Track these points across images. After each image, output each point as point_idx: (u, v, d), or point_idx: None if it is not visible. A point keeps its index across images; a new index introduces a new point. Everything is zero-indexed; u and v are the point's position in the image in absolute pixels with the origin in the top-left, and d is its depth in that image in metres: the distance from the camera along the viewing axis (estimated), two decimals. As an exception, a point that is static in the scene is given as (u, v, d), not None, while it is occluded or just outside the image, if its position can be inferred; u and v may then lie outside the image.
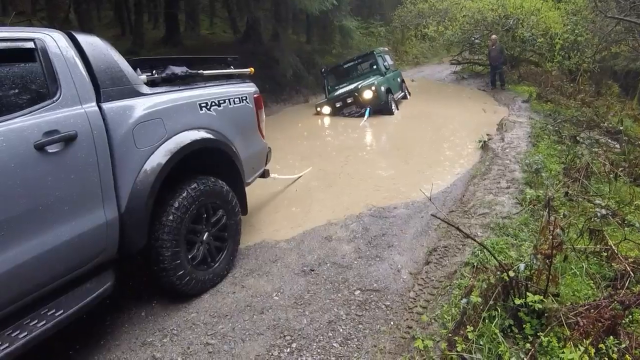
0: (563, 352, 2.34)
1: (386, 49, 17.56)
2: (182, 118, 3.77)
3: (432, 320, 3.09)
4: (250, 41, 17.89)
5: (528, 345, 2.43)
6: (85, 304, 2.85)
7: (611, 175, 6.08)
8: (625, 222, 4.45)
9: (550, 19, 16.74)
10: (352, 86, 13.92)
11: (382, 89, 13.35)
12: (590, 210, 4.21)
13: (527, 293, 2.55)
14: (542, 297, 2.54)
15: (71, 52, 3.12)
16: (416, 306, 3.45)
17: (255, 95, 4.91)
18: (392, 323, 3.33)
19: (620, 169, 6.42)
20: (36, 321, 2.63)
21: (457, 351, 2.41)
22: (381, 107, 13.15)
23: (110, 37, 17.06)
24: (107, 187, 3.10)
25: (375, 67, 14.83)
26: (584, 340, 2.45)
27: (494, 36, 16.95)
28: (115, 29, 20.73)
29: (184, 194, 3.68)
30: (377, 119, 12.48)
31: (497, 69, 16.86)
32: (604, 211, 3.61)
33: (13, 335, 2.50)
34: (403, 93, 16.15)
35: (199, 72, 4.39)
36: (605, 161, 6.17)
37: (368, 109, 12.84)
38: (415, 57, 29.72)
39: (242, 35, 19.38)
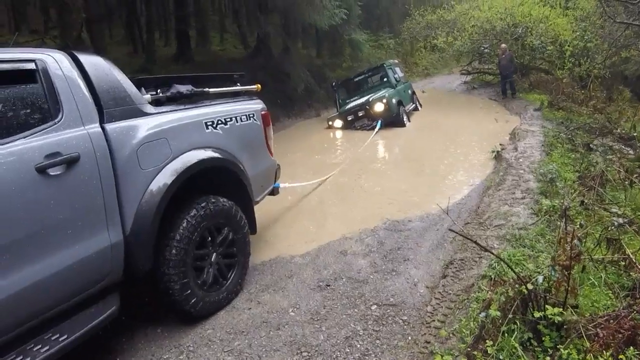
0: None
1: (396, 61, 17.74)
2: (188, 137, 3.74)
3: (451, 335, 3.07)
4: (261, 56, 18.05)
5: (548, 358, 2.41)
6: (90, 328, 2.83)
7: (626, 182, 6.03)
8: (642, 229, 4.40)
9: (559, 26, 16.71)
10: (363, 99, 13.99)
11: (394, 101, 13.40)
12: (607, 218, 4.17)
13: (546, 306, 2.52)
14: (561, 310, 2.52)
15: (73, 73, 3.11)
16: (434, 320, 3.43)
17: (262, 112, 4.89)
18: (409, 338, 3.31)
19: (635, 176, 6.36)
20: (40, 346, 2.60)
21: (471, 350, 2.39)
22: (393, 119, 13.18)
23: (122, 54, 17.33)
24: (111, 209, 3.07)
25: (385, 79, 14.91)
26: (604, 352, 2.42)
27: (503, 45, 16.94)
28: (127, 46, 21.03)
29: (192, 214, 3.64)
30: (389, 131, 12.51)
31: (508, 78, 16.80)
32: (620, 220, 3.56)
33: None
34: (414, 105, 16.21)
35: (204, 90, 4.36)
36: (620, 168, 6.11)
37: (380, 121, 12.85)
38: (425, 69, 29.79)
39: (253, 50, 19.56)
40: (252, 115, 4.64)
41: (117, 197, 3.12)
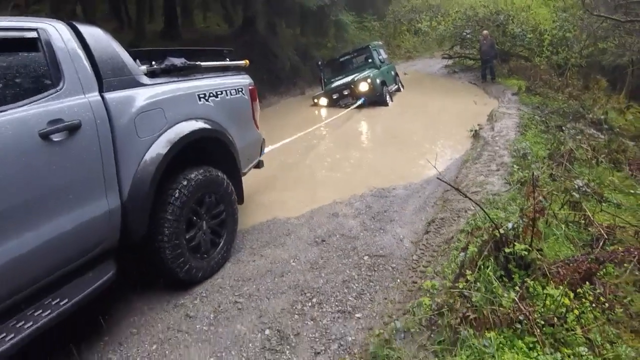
0: (546, 290, 2.84)
1: (380, 43, 18.17)
2: (182, 108, 3.85)
3: (435, 275, 3.59)
4: (247, 34, 18.21)
5: (517, 287, 2.94)
6: (89, 292, 2.90)
7: (593, 161, 6.62)
8: (603, 198, 4.98)
9: (539, 15, 17.27)
10: (348, 79, 14.44)
11: (377, 81, 13.87)
12: (569, 183, 4.73)
13: (515, 244, 3.05)
14: (527, 247, 3.05)
15: (74, 43, 3.17)
16: (419, 266, 3.95)
17: (250, 87, 4.99)
18: (399, 280, 3.83)
19: (602, 155, 6.96)
20: (40, 311, 2.66)
21: (459, 289, 2.91)
22: (376, 99, 13.67)
23: (109, 30, 17.37)
24: (110, 176, 3.15)
25: (370, 60, 15.37)
26: (562, 285, 2.95)
27: (485, 31, 17.43)
28: (112, 22, 20.97)
29: (184, 184, 3.75)
30: (373, 110, 12.96)
31: (488, 63, 17.33)
32: (580, 183, 4.12)
33: (18, 325, 2.52)
34: (397, 86, 16.68)
35: (197, 63, 4.41)
36: (588, 148, 6.69)
37: (363, 99, 13.39)
38: (407, 51, 30.16)
39: (239, 28, 19.72)
40: (240, 90, 4.76)
41: (116, 164, 3.21)
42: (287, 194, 6.44)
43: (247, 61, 5.37)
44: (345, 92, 14.02)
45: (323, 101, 14.49)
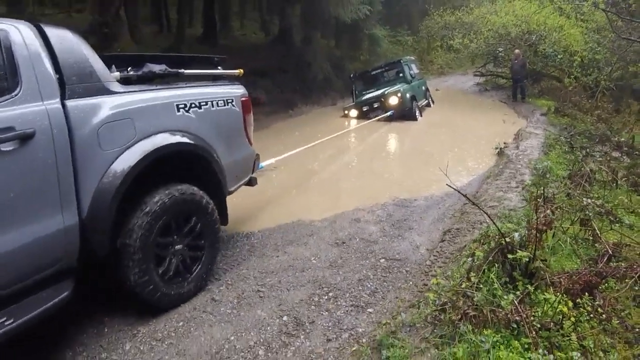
0: (544, 295, 3.07)
1: (413, 58, 18.49)
2: (156, 119, 3.58)
3: (444, 277, 3.83)
4: (283, 43, 18.76)
5: (518, 292, 3.17)
6: (39, 312, 2.74)
7: (612, 183, 6.75)
8: (617, 219, 5.14)
9: (571, 36, 17.30)
10: (379, 92, 14.76)
11: (408, 95, 14.17)
12: (579, 199, 4.91)
13: (518, 251, 3.28)
14: (530, 254, 3.28)
15: (36, 45, 3.00)
16: (431, 271, 4.19)
17: (243, 99, 4.69)
18: (411, 282, 4.08)
19: (624, 178, 7.06)
20: None
21: (462, 288, 3.16)
22: (405, 113, 13.99)
23: (149, 33, 17.97)
24: (66, 191, 2.95)
25: (401, 75, 15.62)
26: (563, 294, 3.17)
27: (517, 51, 17.60)
28: (152, 25, 21.69)
29: (155, 202, 3.49)
30: (402, 124, 13.28)
31: (519, 82, 17.47)
32: (589, 201, 4.32)
33: None
34: (427, 101, 16.93)
35: (178, 71, 4.17)
36: (607, 169, 6.82)
37: (392, 112, 13.76)
38: (440, 67, 30.36)
39: (275, 37, 20.25)
40: (230, 101, 4.47)
41: (74, 178, 3.01)
42: (312, 198, 6.77)
43: (242, 70, 5.09)
44: (376, 105, 14.32)
45: (353, 113, 14.83)
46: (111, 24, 12.27)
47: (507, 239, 3.39)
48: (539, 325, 2.89)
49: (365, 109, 14.55)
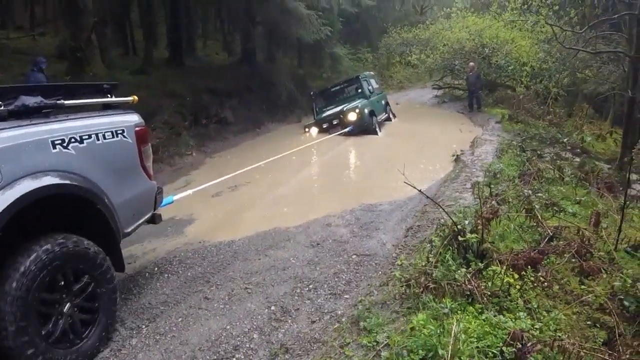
0: (491, 268, 3.66)
1: (372, 73, 19.02)
2: (25, 160, 3.12)
3: (409, 266, 4.39)
4: (247, 63, 19.32)
5: (470, 268, 3.75)
6: None
7: (559, 180, 7.46)
8: (561, 209, 5.80)
9: (522, 48, 18.35)
10: (338, 109, 15.04)
11: (366, 111, 14.42)
12: (518, 188, 5.56)
13: (467, 234, 3.87)
14: (478, 237, 3.86)
15: None
16: (397, 261, 4.74)
17: (137, 129, 4.25)
18: (380, 272, 4.61)
19: (570, 175, 7.78)
20: None
21: (423, 267, 3.72)
22: (365, 128, 14.20)
23: (115, 56, 18.14)
24: None
25: (360, 90, 15.89)
26: (509, 269, 3.76)
27: (471, 63, 18.52)
28: (117, 49, 21.93)
29: (29, 261, 3.03)
30: (363, 138, 13.78)
31: (475, 93, 18.35)
32: (530, 191, 4.96)
33: None
34: (387, 115, 17.26)
35: (57, 102, 3.68)
36: (554, 167, 7.55)
37: (351, 128, 13.95)
38: (400, 82, 31.28)
39: (239, 57, 20.80)
40: (120, 132, 4.02)
41: None
42: (284, 208, 7.31)
43: (136, 97, 4.58)
44: (335, 122, 14.53)
45: (314, 130, 14.98)
46: (84, 49, 12.48)
47: (459, 226, 3.98)
48: (489, 293, 3.46)
49: (325, 125, 14.78)
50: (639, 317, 3.29)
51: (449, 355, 2.74)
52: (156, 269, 5.24)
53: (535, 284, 3.69)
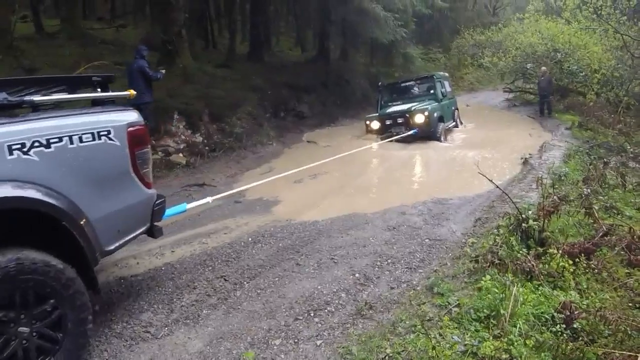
0: (549, 251, 4.30)
1: (446, 74, 18.28)
2: None
3: (478, 247, 5.06)
4: (322, 60, 20.20)
5: (532, 251, 4.40)
6: None
7: (622, 186, 7.86)
8: (619, 212, 6.29)
9: (593, 54, 18.25)
10: (405, 106, 14.13)
11: (435, 115, 13.69)
12: (580, 190, 6.09)
13: (530, 221, 4.52)
14: (539, 224, 4.50)
15: None
16: (465, 246, 5.41)
17: (131, 129, 3.73)
18: (450, 254, 5.31)
19: (635, 183, 8.16)
20: None
21: (490, 245, 4.41)
22: (430, 134, 13.45)
23: (197, 49, 19.33)
24: None
25: (432, 91, 15.03)
26: (565, 256, 4.38)
27: (543, 68, 18.63)
28: (199, 41, 23.25)
29: None
30: (431, 142, 13.80)
31: (546, 99, 18.39)
32: (588, 190, 5.51)
33: None
34: (454, 122, 16.34)
35: (24, 99, 3.21)
36: (617, 174, 7.95)
37: (416, 130, 13.20)
38: (470, 83, 31.37)
39: (315, 54, 21.72)
40: (105, 133, 3.50)
41: None
42: (361, 196, 8.07)
43: (133, 92, 4.20)
44: (400, 120, 13.72)
45: (375, 124, 14.27)
46: (175, 42, 13.55)
47: (523, 215, 4.63)
48: (545, 273, 4.11)
49: (388, 122, 14.00)
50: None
51: (508, 315, 3.43)
52: (250, 239, 6.10)
53: (586, 270, 4.31)
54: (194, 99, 12.20)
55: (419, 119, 13.26)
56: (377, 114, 14.70)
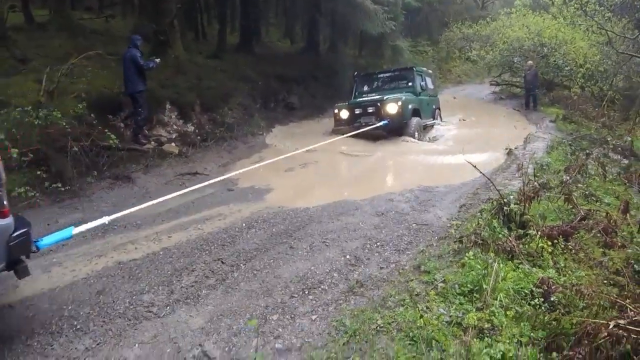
0: (528, 232, 4.57)
1: (430, 71, 17.61)
2: None
3: (461, 229, 5.33)
4: (311, 52, 20.39)
5: (513, 232, 4.67)
6: None
7: (603, 176, 8.17)
8: (598, 199, 6.58)
9: (579, 49, 18.62)
10: (377, 97, 13.46)
11: (410, 107, 12.83)
12: (561, 178, 6.38)
13: (512, 205, 4.79)
14: (520, 208, 4.77)
15: None
16: (450, 229, 5.67)
17: None
18: (436, 237, 5.57)
19: (615, 174, 8.47)
20: None
21: (473, 227, 4.67)
22: (401, 127, 12.54)
23: (187, 40, 19.32)
24: None
25: (410, 84, 14.22)
26: (545, 238, 4.65)
27: (530, 62, 18.94)
28: (189, 32, 23.21)
29: None
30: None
31: (531, 92, 18.73)
32: (567, 177, 5.80)
33: None
34: (433, 122, 15.10)
35: None
36: (598, 164, 8.26)
37: (386, 122, 12.19)
38: (458, 76, 31.61)
39: (304, 46, 21.89)
40: None
41: None
42: (349, 185, 8.34)
43: None
44: (370, 110, 12.83)
45: (344, 114, 13.29)
46: (167, 32, 13.55)
47: (505, 200, 4.90)
48: (525, 253, 4.38)
49: (357, 111, 13.07)
50: (647, 279, 4.14)
51: (490, 289, 3.70)
52: (244, 225, 6.32)
53: (564, 251, 4.58)
54: (186, 89, 12.28)
55: (392, 108, 12.33)
56: (347, 103, 13.89)
